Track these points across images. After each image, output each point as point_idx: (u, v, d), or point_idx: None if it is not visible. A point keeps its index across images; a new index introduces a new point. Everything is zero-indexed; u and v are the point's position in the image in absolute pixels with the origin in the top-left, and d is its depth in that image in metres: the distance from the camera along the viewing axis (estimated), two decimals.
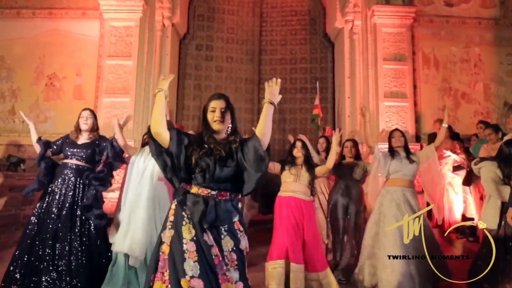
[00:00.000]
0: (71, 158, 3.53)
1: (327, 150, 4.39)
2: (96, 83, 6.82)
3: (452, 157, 5.58)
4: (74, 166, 3.51)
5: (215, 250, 1.97)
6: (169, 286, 1.88)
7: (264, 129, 2.05)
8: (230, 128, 2.16)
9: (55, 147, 3.63)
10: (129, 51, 6.70)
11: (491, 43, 7.21)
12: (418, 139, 6.82)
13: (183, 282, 1.87)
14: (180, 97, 7.89)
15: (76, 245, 3.32)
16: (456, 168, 5.52)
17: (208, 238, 1.98)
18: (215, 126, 2.11)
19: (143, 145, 3.67)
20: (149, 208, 3.28)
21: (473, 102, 7.07)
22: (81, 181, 3.48)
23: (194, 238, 1.96)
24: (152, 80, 6.94)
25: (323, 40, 8.24)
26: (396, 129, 4.06)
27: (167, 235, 1.98)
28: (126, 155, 3.70)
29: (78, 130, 3.61)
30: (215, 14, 8.27)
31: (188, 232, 1.97)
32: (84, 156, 3.54)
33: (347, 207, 4.17)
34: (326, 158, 4.34)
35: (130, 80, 6.63)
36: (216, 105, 2.12)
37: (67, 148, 3.55)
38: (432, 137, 6.48)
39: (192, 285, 1.87)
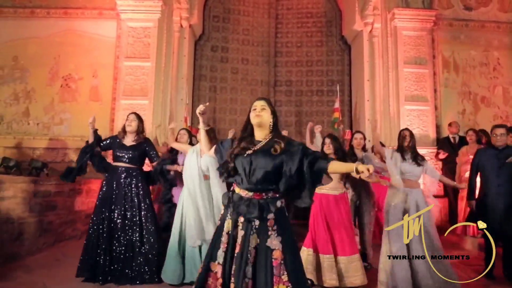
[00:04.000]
0: (120, 161, 3.84)
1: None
2: (113, 85, 6.66)
3: None
4: (123, 169, 3.82)
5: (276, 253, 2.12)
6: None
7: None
8: (271, 126, 2.31)
9: (105, 142, 3.94)
10: (147, 52, 6.55)
11: (509, 47, 7.22)
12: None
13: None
14: (195, 99, 7.76)
15: (134, 240, 3.71)
16: None
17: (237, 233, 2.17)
18: (256, 119, 2.28)
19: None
20: (209, 204, 3.68)
21: (493, 106, 7.07)
22: (131, 182, 3.81)
23: (228, 232, 2.21)
24: (170, 82, 6.83)
25: (339, 42, 8.19)
26: (406, 129, 4.05)
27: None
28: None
29: (124, 131, 3.91)
30: (230, 15, 8.17)
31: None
32: (132, 158, 3.84)
33: (356, 203, 4.55)
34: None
35: (148, 82, 6.48)
36: (257, 104, 2.33)
37: (116, 149, 3.86)
38: (443, 142, 6.48)
39: (217, 270, 2.16)
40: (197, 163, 3.77)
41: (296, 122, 8.03)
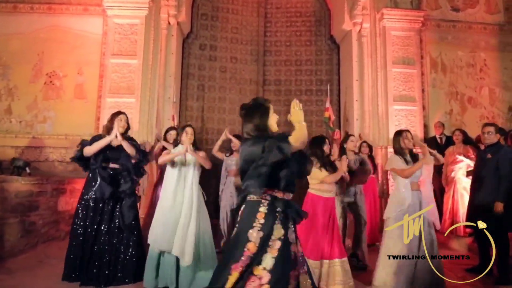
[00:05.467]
0: (107, 162, 3.80)
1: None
2: (99, 82, 6.52)
3: (466, 162, 5.60)
4: (110, 169, 3.80)
5: (294, 247, 2.33)
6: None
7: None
8: None
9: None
10: (134, 49, 6.40)
11: (495, 48, 7.30)
12: None
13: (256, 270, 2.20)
14: (183, 98, 7.66)
15: (115, 241, 3.68)
16: (470, 173, 5.53)
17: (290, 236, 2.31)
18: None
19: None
20: (197, 212, 3.55)
21: (479, 106, 7.15)
22: (119, 183, 3.77)
23: (282, 237, 2.24)
24: (157, 80, 6.71)
25: (328, 42, 8.17)
26: (408, 130, 3.96)
27: (255, 235, 2.20)
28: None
29: (110, 131, 3.82)
30: (219, 13, 8.07)
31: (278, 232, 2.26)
32: (119, 158, 3.82)
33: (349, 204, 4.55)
34: None
35: (135, 80, 6.33)
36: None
37: (107, 152, 3.79)
38: (429, 142, 6.49)
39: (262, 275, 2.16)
40: (179, 166, 3.69)
41: (285, 121, 7.95)
